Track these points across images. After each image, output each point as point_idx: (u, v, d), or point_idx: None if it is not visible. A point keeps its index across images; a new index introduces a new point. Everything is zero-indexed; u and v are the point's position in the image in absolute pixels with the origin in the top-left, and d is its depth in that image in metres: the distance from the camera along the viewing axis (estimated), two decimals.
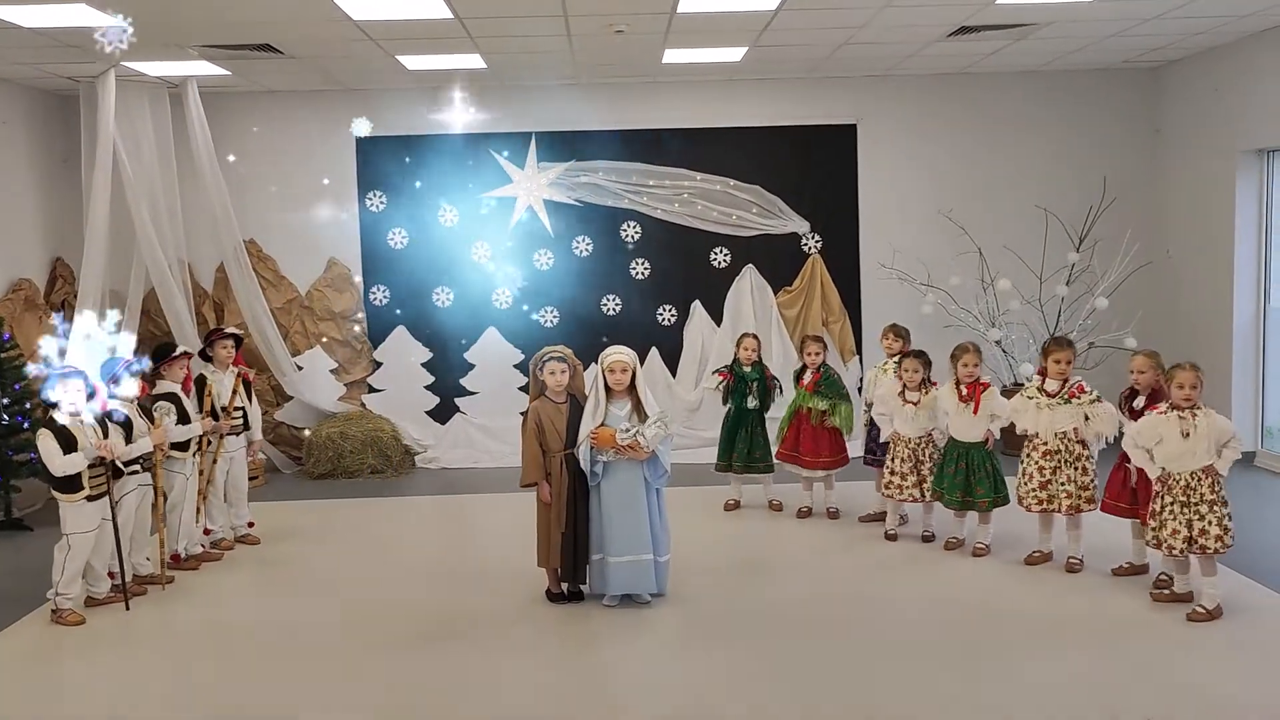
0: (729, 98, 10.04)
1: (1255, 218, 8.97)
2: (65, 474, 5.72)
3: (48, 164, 9.40)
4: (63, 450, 5.69)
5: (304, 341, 10.07)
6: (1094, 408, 6.15)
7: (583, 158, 10.07)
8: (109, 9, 6.63)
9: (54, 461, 5.70)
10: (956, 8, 7.44)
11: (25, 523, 7.99)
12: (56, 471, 5.72)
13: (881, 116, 10.14)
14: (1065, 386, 6.23)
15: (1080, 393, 6.20)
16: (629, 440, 5.70)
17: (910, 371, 6.82)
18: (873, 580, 6.33)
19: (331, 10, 6.86)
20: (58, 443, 5.70)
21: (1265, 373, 9.04)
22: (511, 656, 5.33)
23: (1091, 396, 6.20)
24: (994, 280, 9.69)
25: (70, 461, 5.69)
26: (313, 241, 10.06)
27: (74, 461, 5.69)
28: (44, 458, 5.74)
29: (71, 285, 9.26)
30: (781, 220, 10.20)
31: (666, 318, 10.31)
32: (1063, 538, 6.38)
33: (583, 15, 7.25)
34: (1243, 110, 8.82)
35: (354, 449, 9.50)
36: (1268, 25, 8.23)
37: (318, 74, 9.14)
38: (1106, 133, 10.14)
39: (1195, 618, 5.42)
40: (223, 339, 7.24)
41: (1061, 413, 6.19)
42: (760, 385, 7.65)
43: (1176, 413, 5.46)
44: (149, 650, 5.58)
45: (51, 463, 5.71)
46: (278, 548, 7.30)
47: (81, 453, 5.68)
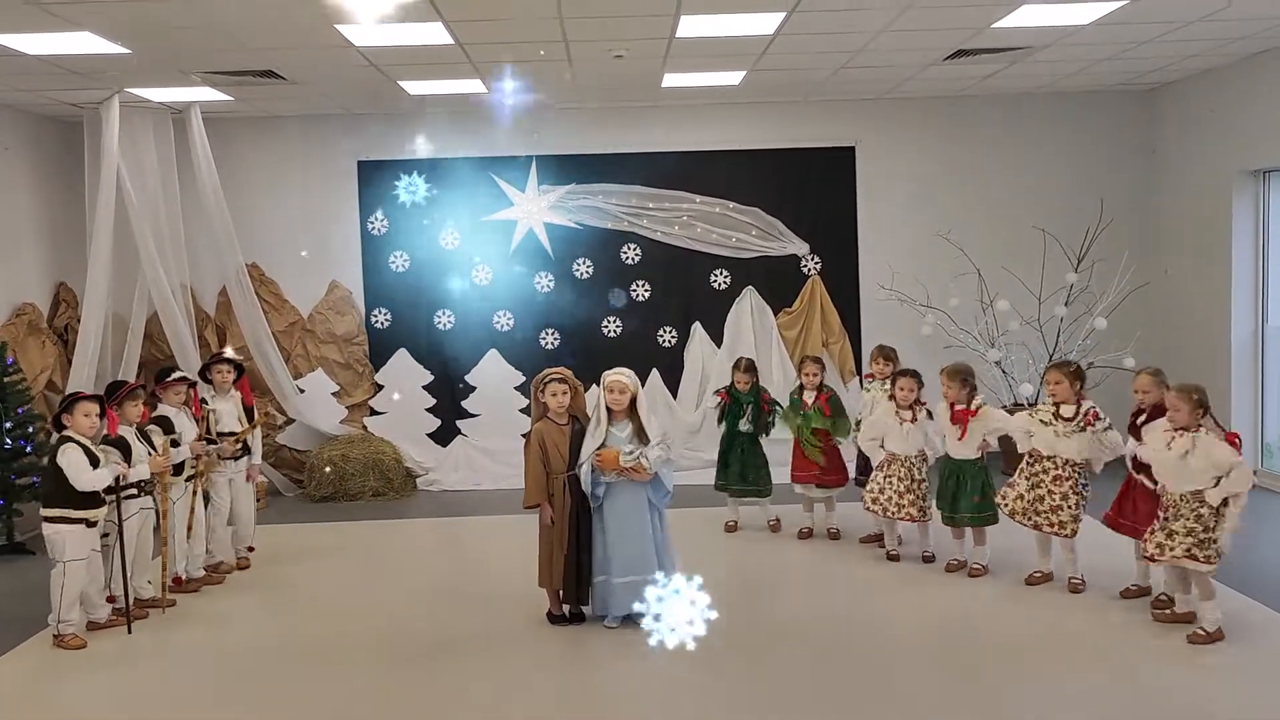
0: (728, 121, 10.11)
1: (1252, 237, 9.02)
2: (90, 489, 5.70)
3: (52, 189, 9.46)
4: None
5: (306, 364, 10.10)
6: (1105, 435, 6.18)
7: (583, 181, 10.14)
8: (113, 36, 6.75)
9: (82, 476, 5.66)
10: (953, 32, 7.51)
11: (27, 546, 8.00)
12: (83, 486, 5.68)
13: (880, 139, 10.21)
14: (1080, 413, 6.24)
15: (1095, 419, 6.20)
16: (632, 462, 5.73)
17: (905, 390, 6.85)
18: (873, 601, 6.34)
19: (334, 37, 6.93)
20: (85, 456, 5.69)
21: (1264, 391, 9.06)
22: (513, 678, 5.33)
23: (1105, 425, 6.21)
24: (993, 301, 9.72)
25: (97, 477, 5.68)
26: (314, 264, 10.12)
27: (100, 477, 5.69)
28: (70, 471, 5.68)
29: (75, 309, 9.29)
30: (781, 242, 10.26)
31: (667, 339, 10.34)
32: (1060, 557, 6.38)
33: (583, 40, 7.32)
34: (1238, 131, 8.88)
35: (355, 471, 9.51)
36: (1262, 48, 8.31)
37: (320, 99, 9.21)
38: (1103, 154, 10.21)
39: (1196, 639, 5.42)
40: (220, 364, 7.26)
41: (1079, 440, 6.19)
42: (755, 409, 7.66)
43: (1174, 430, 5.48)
44: (151, 673, 5.58)
45: (79, 477, 5.67)
46: (279, 570, 7.30)
47: (107, 469, 5.69)
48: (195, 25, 6.56)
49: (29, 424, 8.01)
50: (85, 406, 5.83)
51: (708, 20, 6.90)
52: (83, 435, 5.80)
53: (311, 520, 8.83)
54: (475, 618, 6.20)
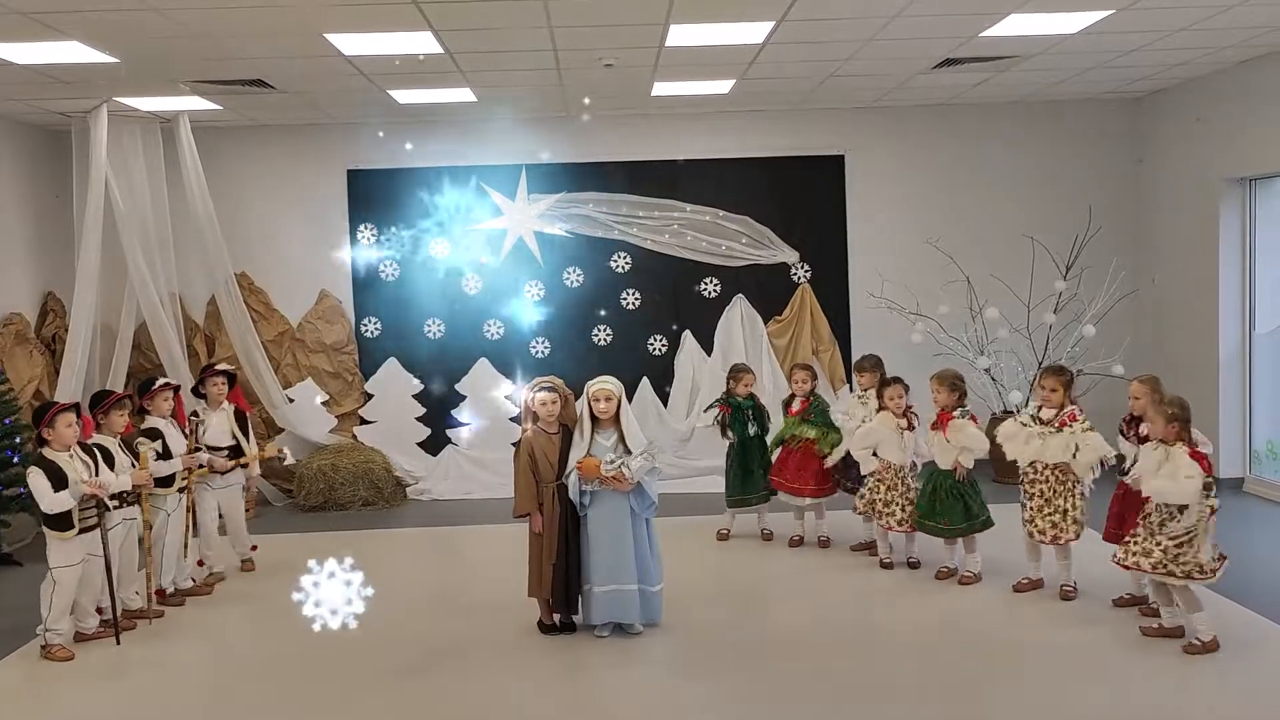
0: (718, 129, 10.13)
1: (1239, 245, 9.06)
2: (54, 512, 5.70)
3: (39, 199, 9.43)
4: (53, 487, 5.68)
5: (295, 374, 10.07)
6: (1084, 436, 6.15)
7: (573, 189, 10.14)
8: (101, 45, 6.73)
9: (44, 499, 5.69)
10: (941, 41, 7.54)
11: (15, 558, 7.95)
12: (46, 509, 5.71)
13: (869, 147, 10.24)
14: (1058, 415, 6.25)
15: (1071, 421, 6.21)
16: (613, 472, 5.72)
17: (895, 399, 6.86)
18: (863, 609, 6.34)
19: (323, 46, 6.92)
20: (48, 480, 5.69)
21: (1251, 398, 9.10)
22: (503, 687, 5.31)
23: (1083, 425, 6.19)
24: (982, 309, 9.75)
25: (59, 500, 5.67)
26: (304, 274, 10.10)
27: (61, 500, 5.68)
28: (35, 495, 5.73)
29: (63, 319, 9.25)
30: (771, 250, 10.27)
31: (657, 348, 10.35)
32: (1054, 565, 6.38)
33: (572, 49, 7.33)
34: (1225, 139, 8.93)
35: (345, 481, 9.48)
36: (1248, 56, 8.36)
37: (309, 108, 9.20)
38: (1092, 162, 10.26)
39: (1192, 650, 5.39)
40: (214, 376, 7.23)
41: (1054, 442, 6.21)
42: (755, 411, 7.70)
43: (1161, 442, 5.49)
44: (139, 685, 5.54)
45: (42, 500, 5.70)
46: (268, 581, 7.25)
47: (69, 491, 5.67)
48: (183, 34, 6.54)
49: (16, 434, 7.96)
50: (66, 417, 5.82)
51: (697, 29, 6.92)
52: (65, 446, 5.79)
53: (301, 530, 8.79)
54: (466, 626, 6.18)
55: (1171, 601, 5.55)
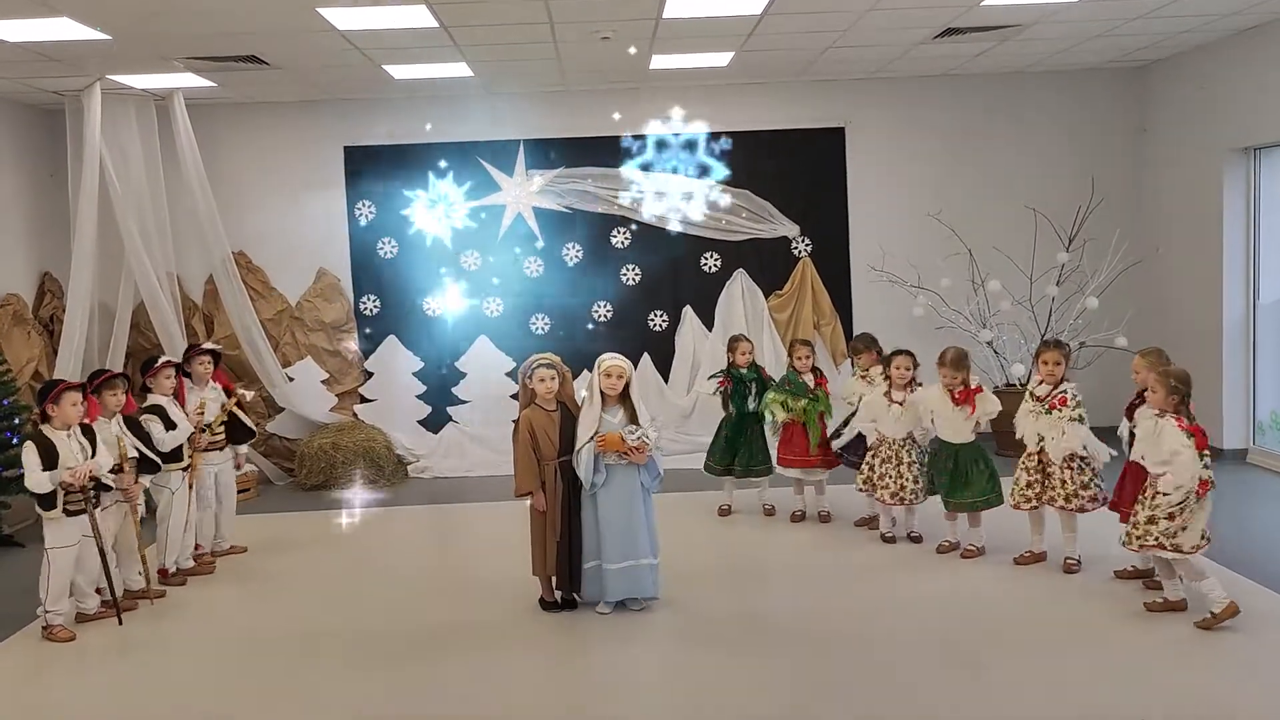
0: (717, 102, 10.04)
1: (1243, 215, 8.99)
2: (35, 491, 5.69)
3: (34, 179, 9.37)
4: (42, 465, 5.66)
5: (294, 353, 10.04)
6: (1068, 425, 6.08)
7: (571, 164, 10.07)
8: (93, 22, 6.66)
9: (30, 475, 5.69)
10: (942, 10, 7.45)
11: (16, 539, 7.96)
12: (28, 485, 5.71)
13: (869, 119, 10.15)
14: (1051, 394, 6.21)
15: (1061, 405, 6.15)
16: (637, 441, 5.69)
17: (901, 369, 6.81)
18: (866, 584, 6.32)
19: (317, 21, 6.85)
20: (39, 456, 5.68)
21: (1255, 369, 9.06)
22: (506, 665, 5.31)
23: (1073, 412, 6.12)
24: (984, 281, 9.70)
25: (38, 480, 5.65)
26: (302, 252, 10.06)
27: (40, 481, 5.65)
28: (25, 469, 5.73)
29: (60, 299, 9.22)
30: (771, 224, 10.21)
31: (658, 323, 10.30)
32: (1058, 538, 6.36)
33: (569, 22, 7.25)
34: (1229, 108, 8.84)
35: (346, 459, 9.46)
36: (1251, 24, 8.26)
37: (304, 85, 9.13)
38: (1094, 132, 10.17)
39: (1206, 624, 5.32)
40: (200, 354, 7.18)
41: (1044, 422, 6.19)
42: (759, 385, 7.65)
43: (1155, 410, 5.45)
44: (141, 665, 5.55)
45: (28, 476, 5.70)
46: (270, 560, 7.26)
47: (49, 475, 5.65)
48: (175, 10, 6.47)
49: (15, 415, 7.95)
50: (72, 396, 5.81)
51: (694, 1, 6.83)
52: (66, 425, 5.78)
53: (302, 509, 8.79)
54: (468, 605, 6.17)
55: (1174, 574, 5.52)
